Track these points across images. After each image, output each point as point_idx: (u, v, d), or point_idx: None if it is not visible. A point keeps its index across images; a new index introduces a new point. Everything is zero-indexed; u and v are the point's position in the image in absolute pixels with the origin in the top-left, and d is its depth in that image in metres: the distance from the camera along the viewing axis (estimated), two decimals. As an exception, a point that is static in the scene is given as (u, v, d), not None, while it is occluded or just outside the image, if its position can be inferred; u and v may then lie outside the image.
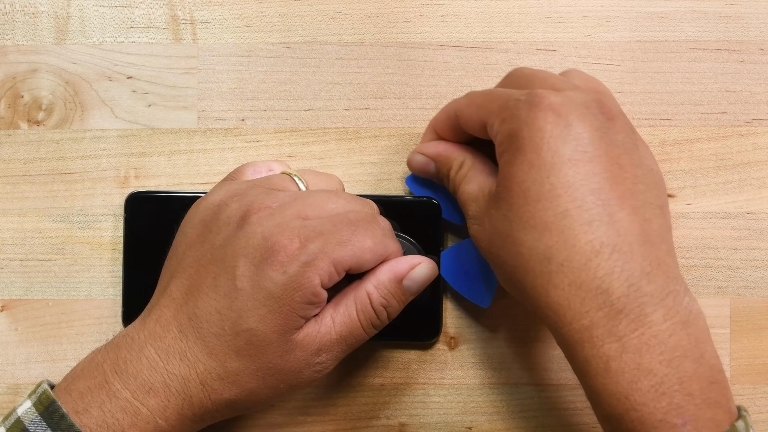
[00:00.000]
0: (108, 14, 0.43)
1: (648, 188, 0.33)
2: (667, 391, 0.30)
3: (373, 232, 0.36)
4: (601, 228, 0.31)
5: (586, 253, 0.31)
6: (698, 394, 0.30)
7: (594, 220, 0.31)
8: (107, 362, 0.34)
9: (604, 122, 0.33)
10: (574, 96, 0.34)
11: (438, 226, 0.41)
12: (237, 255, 0.34)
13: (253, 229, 0.34)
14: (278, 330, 0.34)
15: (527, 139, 0.33)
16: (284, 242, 0.34)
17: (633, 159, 0.33)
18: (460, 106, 0.38)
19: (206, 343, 0.34)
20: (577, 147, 0.32)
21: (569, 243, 0.31)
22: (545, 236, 0.32)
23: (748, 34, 0.43)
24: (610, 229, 0.31)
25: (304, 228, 0.34)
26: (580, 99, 0.34)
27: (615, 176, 0.32)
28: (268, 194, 0.36)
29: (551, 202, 0.32)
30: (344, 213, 0.36)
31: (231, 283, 0.34)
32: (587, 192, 0.32)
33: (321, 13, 0.43)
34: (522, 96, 0.34)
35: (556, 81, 0.35)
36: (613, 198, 0.32)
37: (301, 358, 0.35)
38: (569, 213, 0.32)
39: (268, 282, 0.33)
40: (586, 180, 0.32)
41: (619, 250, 0.31)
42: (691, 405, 0.30)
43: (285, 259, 0.33)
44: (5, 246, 0.43)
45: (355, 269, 0.35)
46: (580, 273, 0.31)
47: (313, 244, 0.34)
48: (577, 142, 0.32)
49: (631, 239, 0.31)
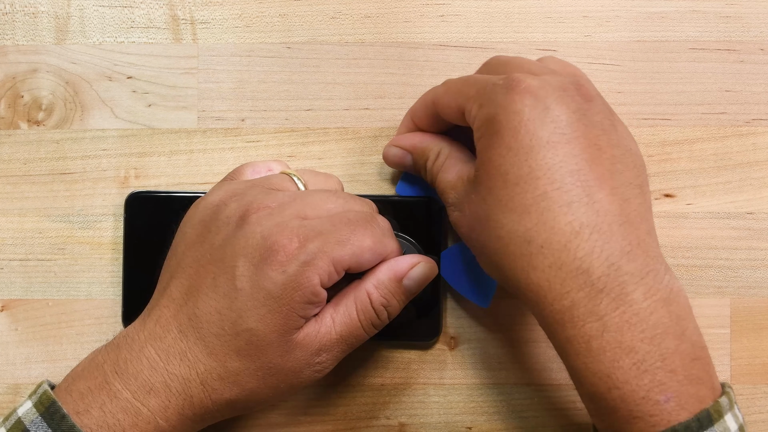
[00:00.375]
0: (108, 14, 0.43)
1: (626, 168, 0.33)
2: (649, 369, 0.30)
3: (372, 231, 0.36)
4: (581, 209, 0.31)
5: (566, 234, 0.31)
6: (680, 370, 0.30)
7: (573, 202, 0.31)
8: (107, 363, 0.34)
9: (582, 104, 0.33)
10: (552, 79, 0.34)
11: (438, 225, 0.41)
12: (236, 255, 0.34)
13: (252, 229, 0.34)
14: (278, 330, 0.34)
15: (505, 123, 0.33)
16: (283, 242, 0.34)
17: (611, 139, 0.33)
18: (438, 94, 0.38)
19: (206, 343, 0.34)
20: (555, 129, 0.32)
21: (549, 224, 0.31)
22: (524, 218, 0.32)
23: (748, 34, 0.43)
24: (590, 210, 0.31)
25: (303, 227, 0.34)
26: (558, 82, 0.34)
27: (594, 157, 0.32)
28: (267, 194, 0.36)
29: (530, 185, 0.32)
30: (343, 212, 0.36)
31: (231, 283, 0.34)
32: (566, 173, 0.32)
33: (321, 13, 0.43)
34: (499, 81, 0.34)
35: (533, 66, 0.36)
36: (591, 179, 0.32)
37: (301, 358, 0.35)
38: (548, 195, 0.32)
39: (268, 282, 0.33)
40: (564, 162, 0.32)
41: (598, 230, 0.31)
42: (673, 381, 0.30)
43: (284, 259, 0.33)
44: (5, 246, 0.43)
45: (354, 268, 0.35)
46: (560, 254, 0.31)
47: (313, 243, 0.34)
48: (555, 124, 0.32)
49: (610, 219, 0.31)
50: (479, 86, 0.35)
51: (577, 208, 0.31)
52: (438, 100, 0.37)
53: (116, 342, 0.35)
